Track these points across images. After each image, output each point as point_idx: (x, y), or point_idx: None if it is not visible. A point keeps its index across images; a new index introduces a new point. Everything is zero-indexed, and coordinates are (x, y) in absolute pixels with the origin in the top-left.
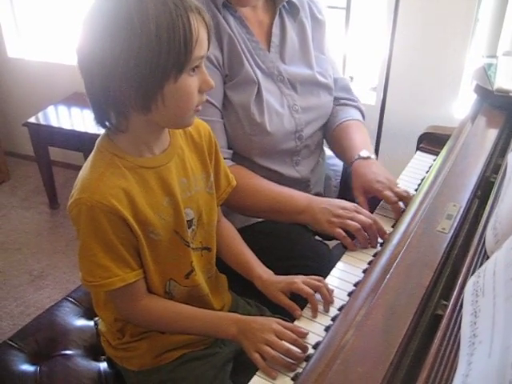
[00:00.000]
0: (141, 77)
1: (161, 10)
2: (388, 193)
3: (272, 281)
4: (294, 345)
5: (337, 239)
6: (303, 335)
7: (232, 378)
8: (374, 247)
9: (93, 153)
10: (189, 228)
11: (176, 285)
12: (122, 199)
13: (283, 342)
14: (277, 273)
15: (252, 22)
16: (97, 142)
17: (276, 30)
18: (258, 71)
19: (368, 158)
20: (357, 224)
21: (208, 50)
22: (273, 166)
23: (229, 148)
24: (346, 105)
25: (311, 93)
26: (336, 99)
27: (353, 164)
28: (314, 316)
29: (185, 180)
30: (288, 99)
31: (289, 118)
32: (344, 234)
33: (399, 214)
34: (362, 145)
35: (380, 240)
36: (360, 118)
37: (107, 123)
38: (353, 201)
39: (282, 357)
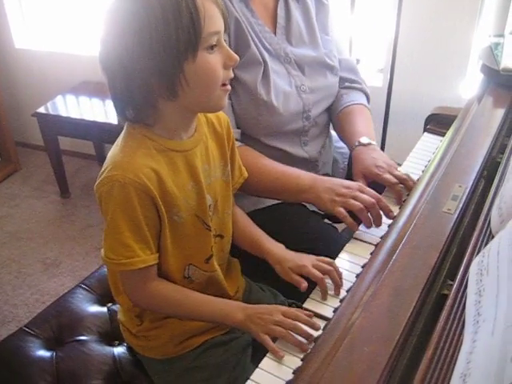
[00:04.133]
0: (159, 64)
1: None
2: (387, 176)
3: (283, 257)
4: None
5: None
6: (309, 316)
7: (252, 361)
8: (379, 226)
9: (123, 133)
10: None
11: (196, 269)
12: (152, 178)
13: (290, 320)
14: None
15: (257, 5)
16: (127, 123)
17: (281, 11)
18: (264, 52)
19: (368, 144)
20: (359, 204)
21: (225, 27)
22: (281, 145)
23: (237, 127)
24: (351, 88)
25: (318, 74)
26: (341, 80)
27: (353, 150)
28: (324, 299)
29: (207, 167)
30: (296, 79)
31: (296, 98)
32: (345, 213)
33: (400, 197)
34: (363, 131)
35: (387, 221)
36: (364, 101)
37: (130, 113)
38: None
39: (293, 334)
